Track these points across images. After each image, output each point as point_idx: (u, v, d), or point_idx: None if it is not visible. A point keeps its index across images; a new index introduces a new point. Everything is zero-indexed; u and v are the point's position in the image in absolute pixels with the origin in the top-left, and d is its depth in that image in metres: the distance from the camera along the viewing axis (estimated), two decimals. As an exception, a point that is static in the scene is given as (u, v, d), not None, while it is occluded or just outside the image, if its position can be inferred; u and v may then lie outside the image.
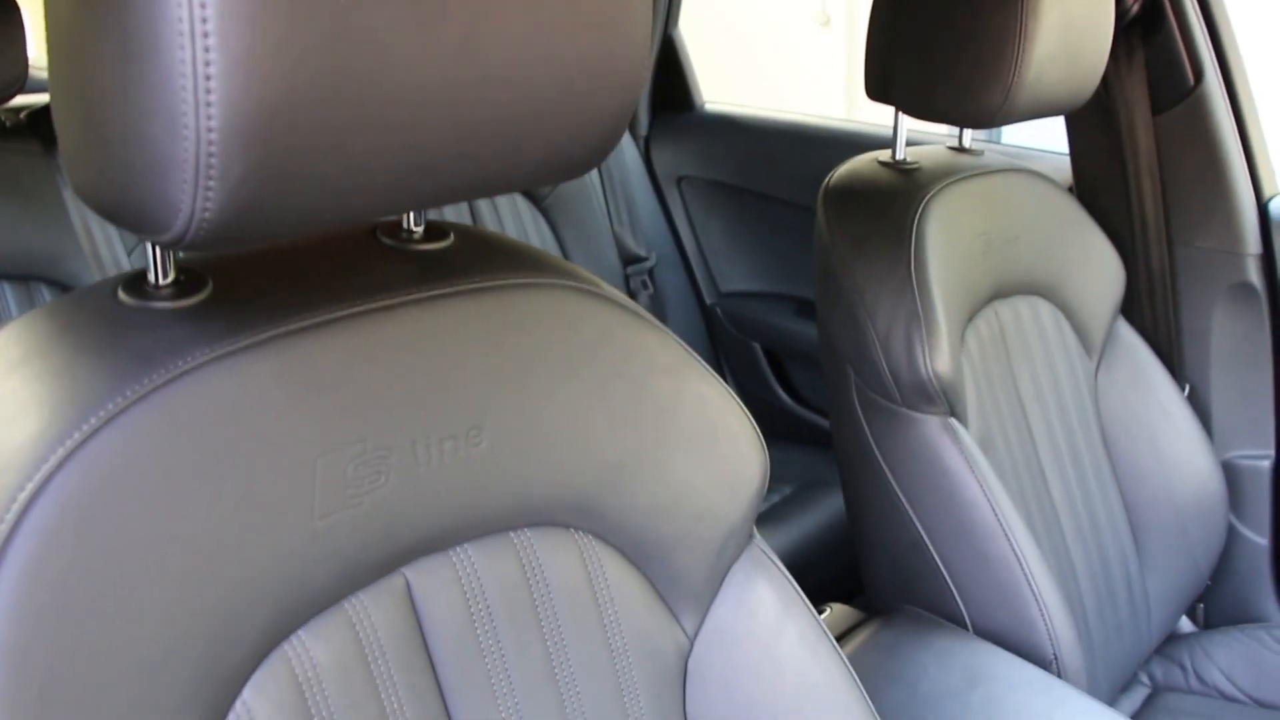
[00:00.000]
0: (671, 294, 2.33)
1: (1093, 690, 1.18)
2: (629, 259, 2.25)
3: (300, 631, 0.68)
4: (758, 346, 2.28)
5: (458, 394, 0.72)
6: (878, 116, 1.80)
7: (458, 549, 0.75)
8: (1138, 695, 1.61)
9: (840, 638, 0.98)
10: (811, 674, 0.88)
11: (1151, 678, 1.63)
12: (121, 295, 0.67)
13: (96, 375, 0.62)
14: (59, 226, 1.62)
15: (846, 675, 0.90)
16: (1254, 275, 1.65)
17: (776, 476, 1.97)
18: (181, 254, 0.70)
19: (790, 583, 0.90)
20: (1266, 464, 1.73)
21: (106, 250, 1.66)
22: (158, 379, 0.62)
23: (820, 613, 0.92)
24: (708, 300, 2.37)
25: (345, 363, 0.68)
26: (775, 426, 2.25)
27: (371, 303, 0.71)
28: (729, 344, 2.34)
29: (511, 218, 2.03)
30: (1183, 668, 1.62)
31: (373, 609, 0.71)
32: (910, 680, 1.13)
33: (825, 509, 1.87)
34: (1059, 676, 1.16)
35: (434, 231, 0.80)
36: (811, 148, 2.17)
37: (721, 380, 0.86)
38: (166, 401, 0.62)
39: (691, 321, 2.34)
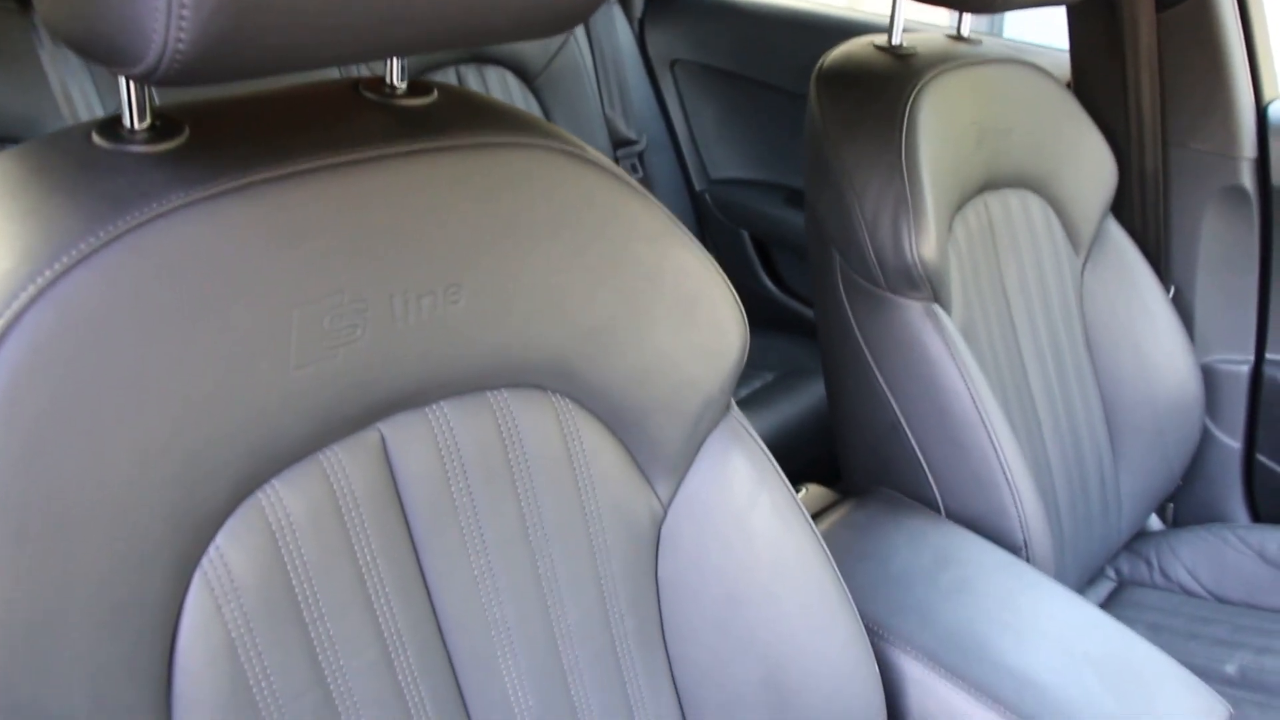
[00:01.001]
0: (661, 179, 2.31)
1: (1060, 580, 1.20)
2: (619, 142, 2.22)
3: (274, 481, 0.68)
4: (745, 234, 2.27)
5: (437, 250, 0.72)
6: (879, 7, 1.76)
7: (434, 406, 0.75)
8: (1103, 588, 1.64)
9: (815, 516, 0.99)
10: (783, 545, 0.89)
11: (1118, 572, 1.66)
12: (96, 139, 0.66)
13: (70, 216, 0.61)
14: (36, 88, 1.58)
15: (818, 549, 0.91)
16: (1247, 179, 1.64)
17: (759, 363, 1.97)
18: (158, 101, 0.68)
19: (766, 456, 0.91)
20: (1245, 369, 1.74)
21: (85, 113, 1.63)
22: (132, 221, 0.61)
23: (796, 492, 0.93)
24: (697, 186, 2.35)
25: (323, 213, 0.67)
26: (760, 314, 2.25)
27: (352, 154, 0.69)
28: (717, 231, 2.33)
29: (502, 95, 2.00)
30: (1149, 563, 1.65)
31: (347, 462, 0.71)
32: (881, 559, 1.14)
33: (806, 396, 1.88)
34: (1028, 563, 1.18)
35: (417, 88, 0.78)
36: (809, 35, 2.13)
37: (704, 250, 0.86)
38: (141, 243, 0.61)
39: (680, 207, 2.33)
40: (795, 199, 2.17)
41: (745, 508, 0.88)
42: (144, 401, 0.60)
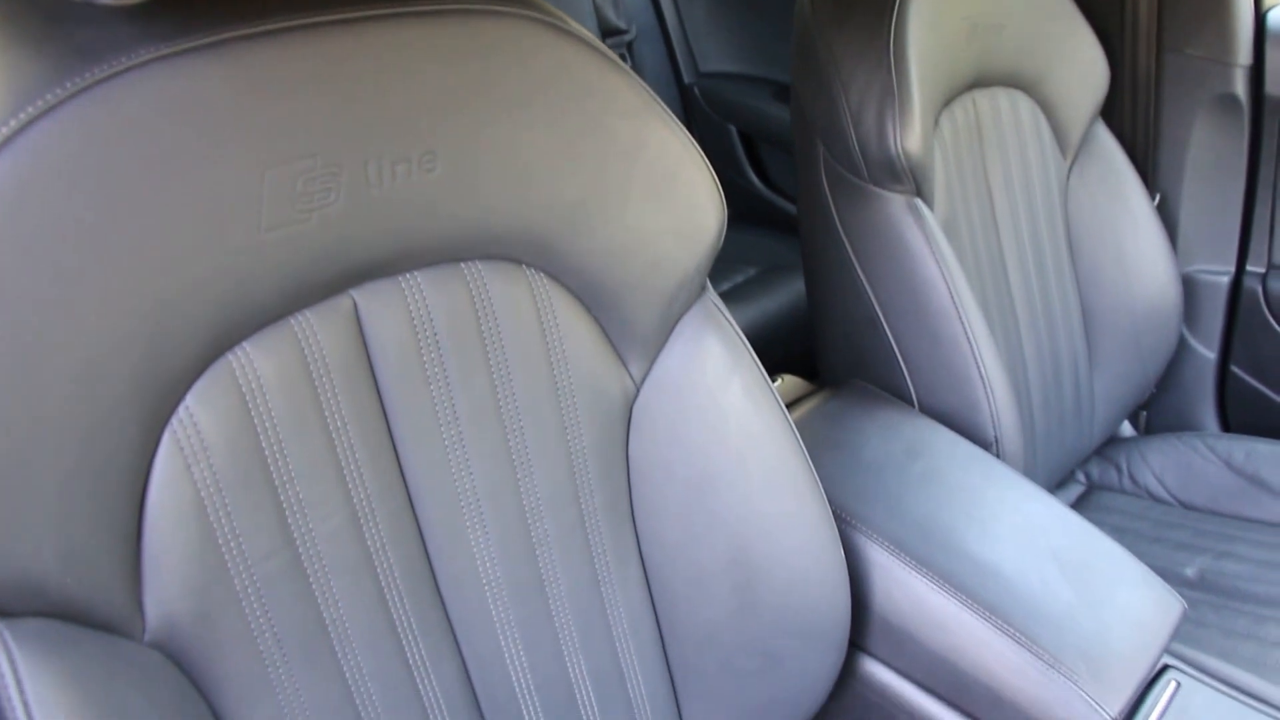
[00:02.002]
0: (648, 70, 2.28)
1: (1029, 480, 1.21)
2: (608, 30, 2.19)
3: (245, 343, 0.68)
4: (733, 129, 2.24)
5: (412, 117, 0.71)
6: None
7: (407, 275, 0.75)
8: (1072, 491, 1.66)
9: (789, 406, 1.00)
10: (754, 427, 0.89)
11: (1088, 476, 1.68)
12: None
13: (35, 66, 0.59)
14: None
15: (789, 434, 0.91)
16: (1240, 87, 1.63)
17: (742, 258, 1.97)
18: None
19: (740, 339, 0.91)
20: (1225, 280, 1.74)
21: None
22: (100, 73, 0.60)
23: (772, 382, 0.93)
24: (685, 79, 2.31)
25: (298, 74, 0.66)
26: (744, 210, 2.24)
27: (325, 15, 0.68)
28: (704, 125, 2.30)
29: (488, -23, 1.95)
30: (1118, 469, 1.67)
31: (319, 327, 0.71)
32: (853, 448, 1.15)
33: (787, 292, 1.87)
34: (998, 459, 1.19)
35: None
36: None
37: (685, 130, 0.85)
38: (109, 96, 0.60)
39: (668, 100, 2.30)
40: (783, 94, 2.15)
41: (717, 389, 0.88)
42: (110, 256, 0.60)
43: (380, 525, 0.75)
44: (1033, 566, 1.03)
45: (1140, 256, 1.57)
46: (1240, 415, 1.78)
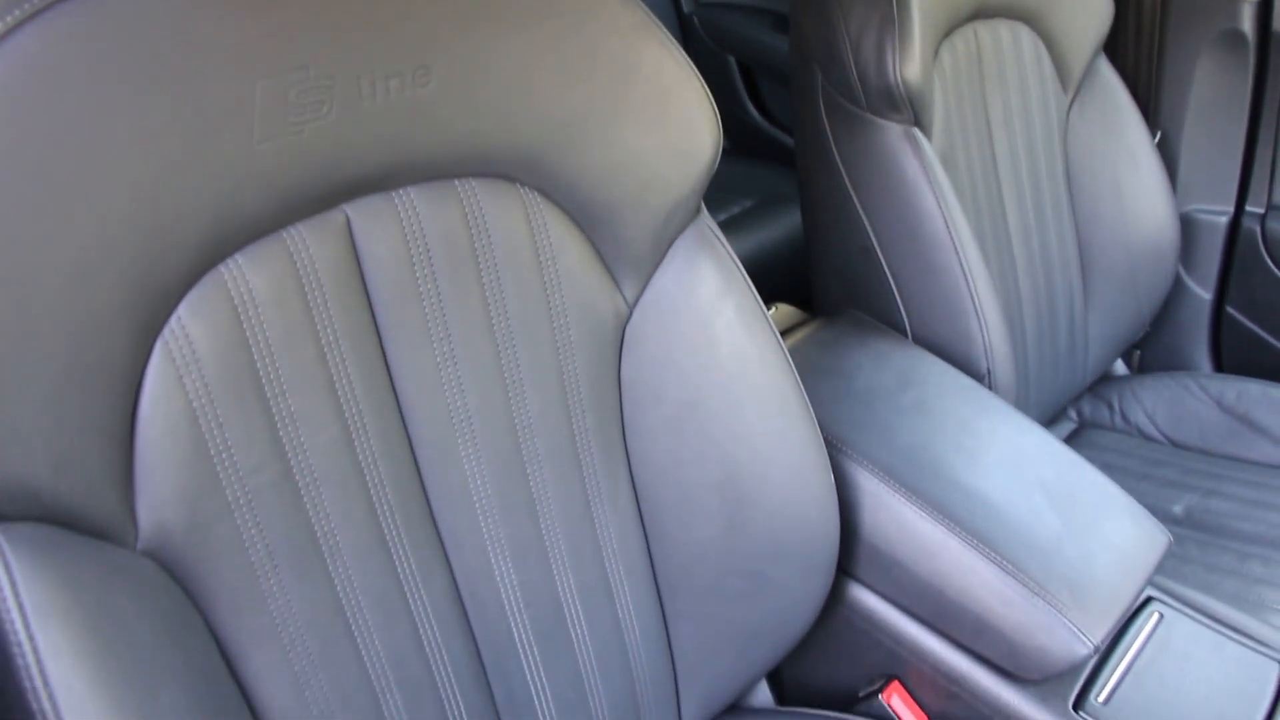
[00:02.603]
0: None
1: (1021, 415, 1.22)
2: (607, -42, 2.16)
3: (237, 255, 0.68)
4: (732, 60, 2.22)
5: (406, 30, 0.70)
6: None
7: (400, 191, 0.75)
8: (1064, 428, 1.67)
9: (783, 334, 1.00)
10: (746, 352, 0.89)
11: (1079, 413, 1.69)
12: None
13: None
14: None
15: (781, 359, 0.92)
16: (1247, 23, 1.61)
17: (739, 190, 1.96)
18: None
19: (734, 262, 0.91)
20: (1223, 220, 1.74)
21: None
22: None
23: (767, 310, 0.93)
24: (685, 9, 2.29)
25: None
26: (743, 142, 2.23)
27: None
28: (703, 56, 2.28)
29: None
30: (1110, 406, 1.67)
31: (311, 242, 0.71)
32: (845, 375, 1.15)
33: (784, 224, 1.87)
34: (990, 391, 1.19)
35: None
36: None
37: (682, 51, 0.84)
38: (98, 2, 0.59)
39: (668, 29, 2.27)
40: (783, 25, 2.13)
41: (710, 312, 0.88)
42: (100, 165, 0.60)
43: (371, 440, 0.76)
44: (1021, 496, 1.03)
45: (1138, 194, 1.56)
46: (1233, 356, 1.78)
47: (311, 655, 0.74)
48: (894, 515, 1.01)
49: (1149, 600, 1.09)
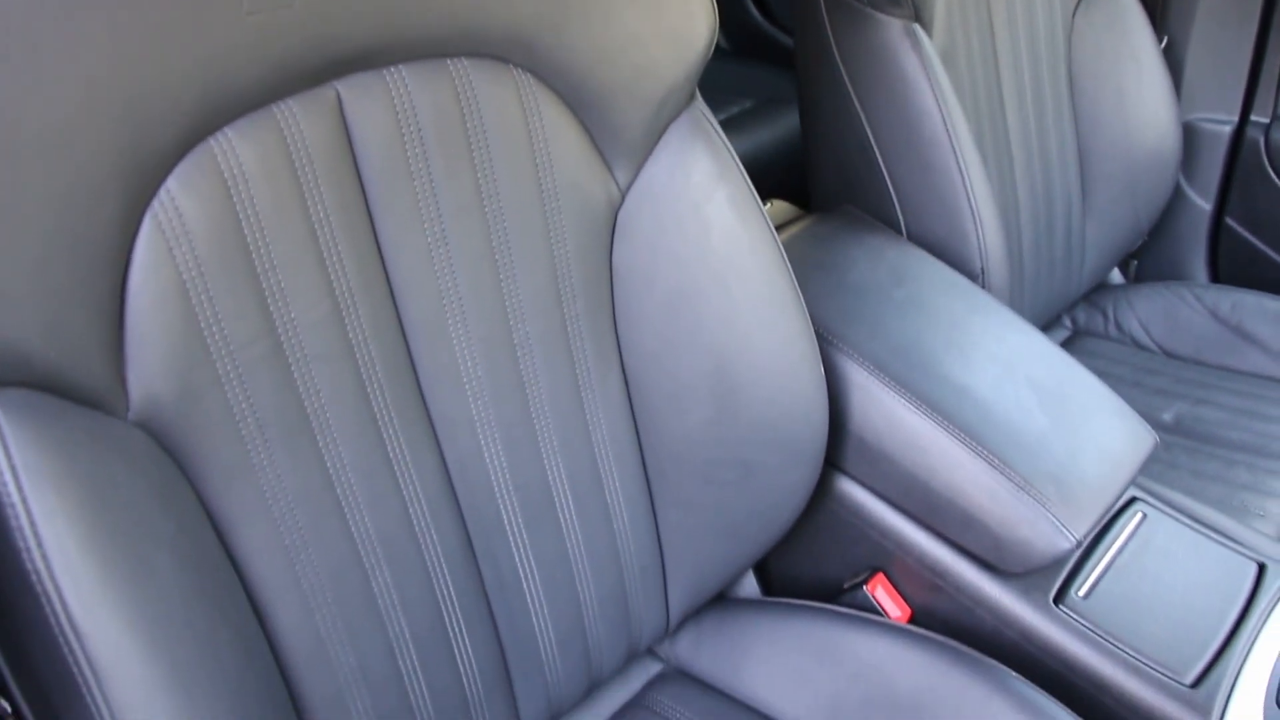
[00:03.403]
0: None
1: (1015, 320, 1.21)
2: None
3: (227, 129, 0.68)
4: (733, -42, 2.19)
5: None
6: None
7: (392, 69, 0.74)
8: (1058, 335, 1.68)
9: (778, 229, 0.99)
10: (738, 240, 0.89)
11: (1074, 321, 1.69)
12: None
13: None
14: None
15: (774, 248, 0.91)
16: (1260, -74, 1.58)
17: (739, 90, 1.94)
18: None
19: (729, 151, 0.90)
20: (1227, 129, 1.72)
21: None
22: None
23: (762, 205, 0.92)
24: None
25: None
26: (743, 42, 2.19)
27: None
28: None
29: None
30: (1104, 315, 1.68)
31: (302, 117, 0.70)
32: (838, 270, 1.15)
33: (783, 125, 1.85)
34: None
35: None
36: None
37: None
38: None
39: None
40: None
41: (702, 199, 0.87)
42: (83, 24, 0.59)
43: (362, 318, 0.76)
44: (1010, 393, 1.04)
45: (1142, 101, 1.54)
46: (1230, 267, 1.78)
47: (302, 530, 0.75)
48: (883, 409, 1.02)
49: (1133, 500, 1.10)
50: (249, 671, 0.70)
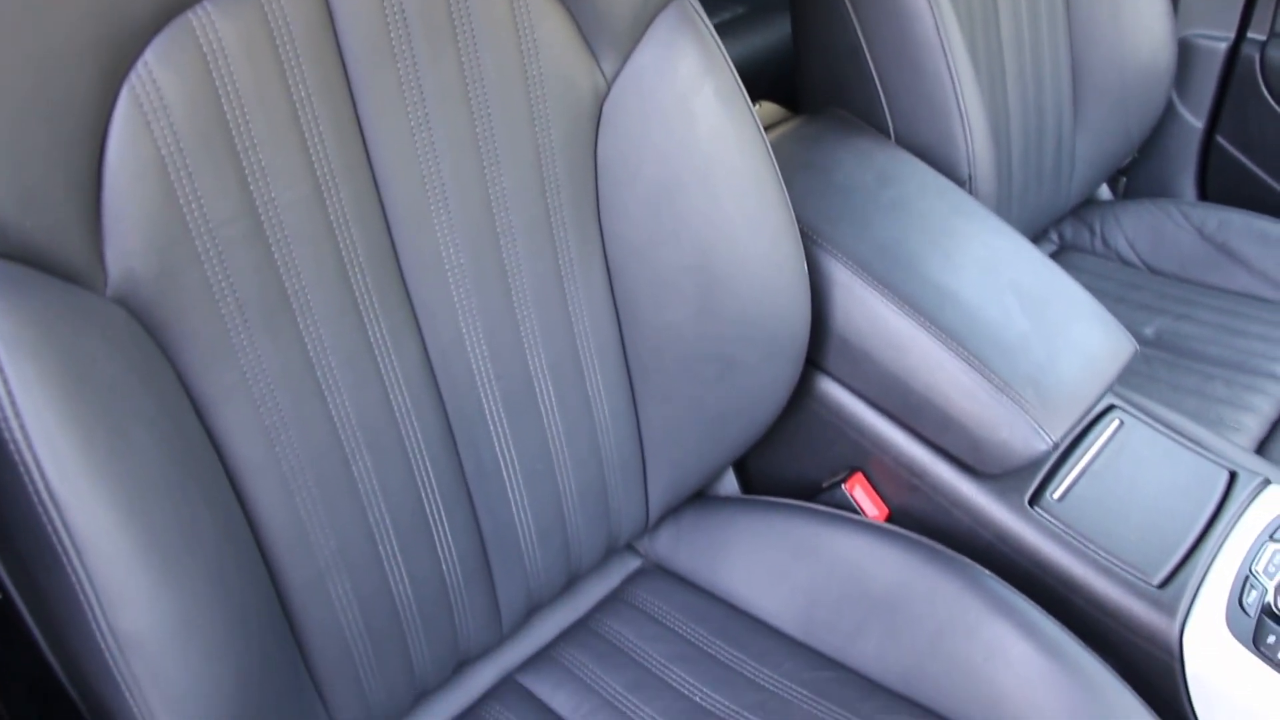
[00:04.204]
0: None
1: (1001, 232, 1.21)
2: None
3: (206, 3, 0.67)
4: None
5: None
6: None
7: None
8: (1044, 250, 1.67)
9: (766, 129, 0.98)
10: (724, 134, 0.88)
11: (1061, 236, 1.69)
12: None
13: None
14: None
15: (760, 144, 0.91)
16: None
17: (733, -3, 1.91)
18: None
19: (717, 45, 0.89)
20: (1222, 46, 1.70)
21: None
22: None
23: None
24: None
25: None
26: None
27: None
28: None
29: None
30: (1091, 230, 1.67)
31: None
32: (824, 170, 1.15)
33: (775, 30, 1.82)
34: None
35: None
36: None
37: None
38: None
39: None
40: None
41: (689, 91, 0.87)
42: None
43: (344, 200, 0.75)
44: (992, 296, 1.04)
45: (1138, 15, 1.52)
46: (1219, 185, 1.78)
47: (282, 412, 0.75)
48: (865, 308, 1.02)
49: (1111, 408, 1.11)
50: (229, 550, 0.71)
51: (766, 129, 1.07)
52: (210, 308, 0.70)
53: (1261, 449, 1.23)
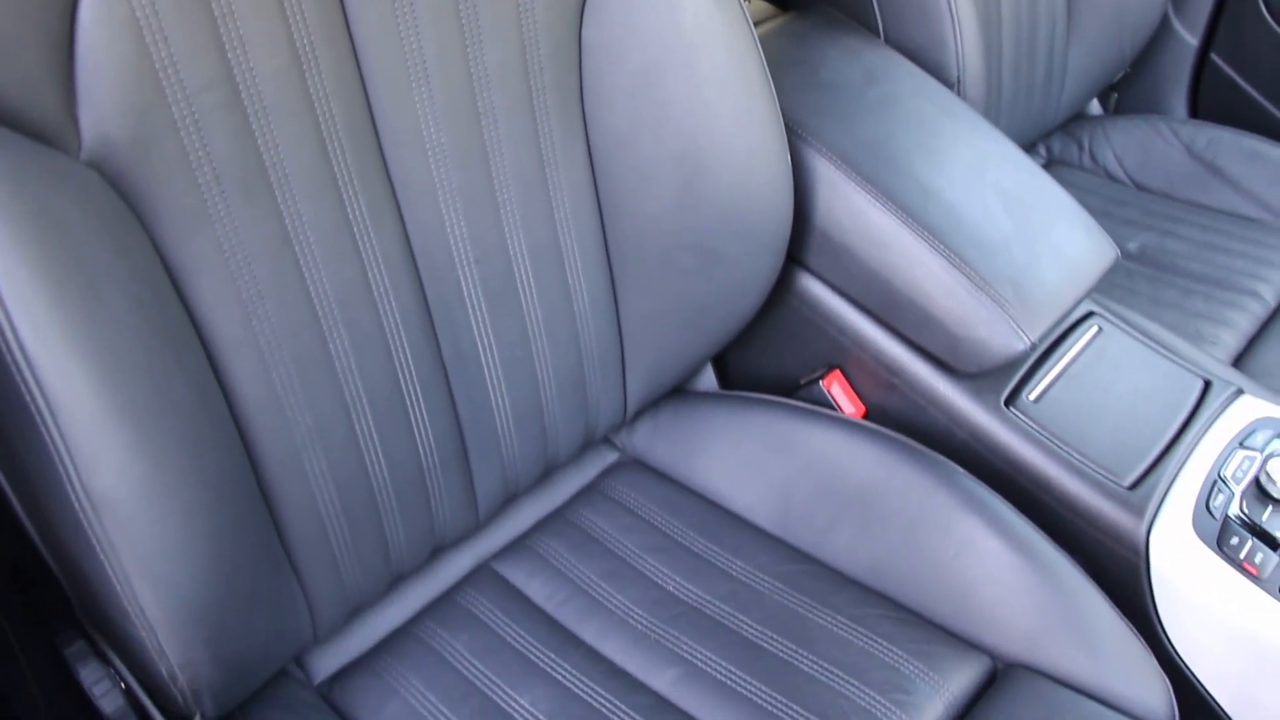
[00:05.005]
0: None
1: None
2: None
3: None
4: None
5: None
6: None
7: None
8: (1031, 163, 1.66)
9: (755, 25, 0.97)
10: (711, 22, 0.87)
11: (1049, 150, 1.68)
12: None
13: None
14: None
15: (747, 36, 0.90)
16: None
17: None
18: None
19: (706, -73, 0.88)
20: (1222, -38, 1.68)
21: None
22: None
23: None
24: None
25: None
26: None
27: None
28: None
29: None
30: (1080, 145, 1.67)
31: None
32: (811, 66, 1.13)
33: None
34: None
35: None
36: None
37: None
38: None
39: None
40: None
41: None
42: None
43: (323, 73, 0.74)
44: (976, 196, 1.04)
45: (1137, -74, 1.50)
46: (1210, 103, 1.76)
47: (259, 285, 0.75)
48: (848, 203, 1.02)
49: (1091, 314, 1.11)
50: (204, 420, 0.71)
51: (756, 24, 1.06)
52: (187, 176, 0.70)
53: (1237, 363, 1.24)
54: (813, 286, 1.07)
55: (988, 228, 1.02)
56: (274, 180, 0.74)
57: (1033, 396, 1.03)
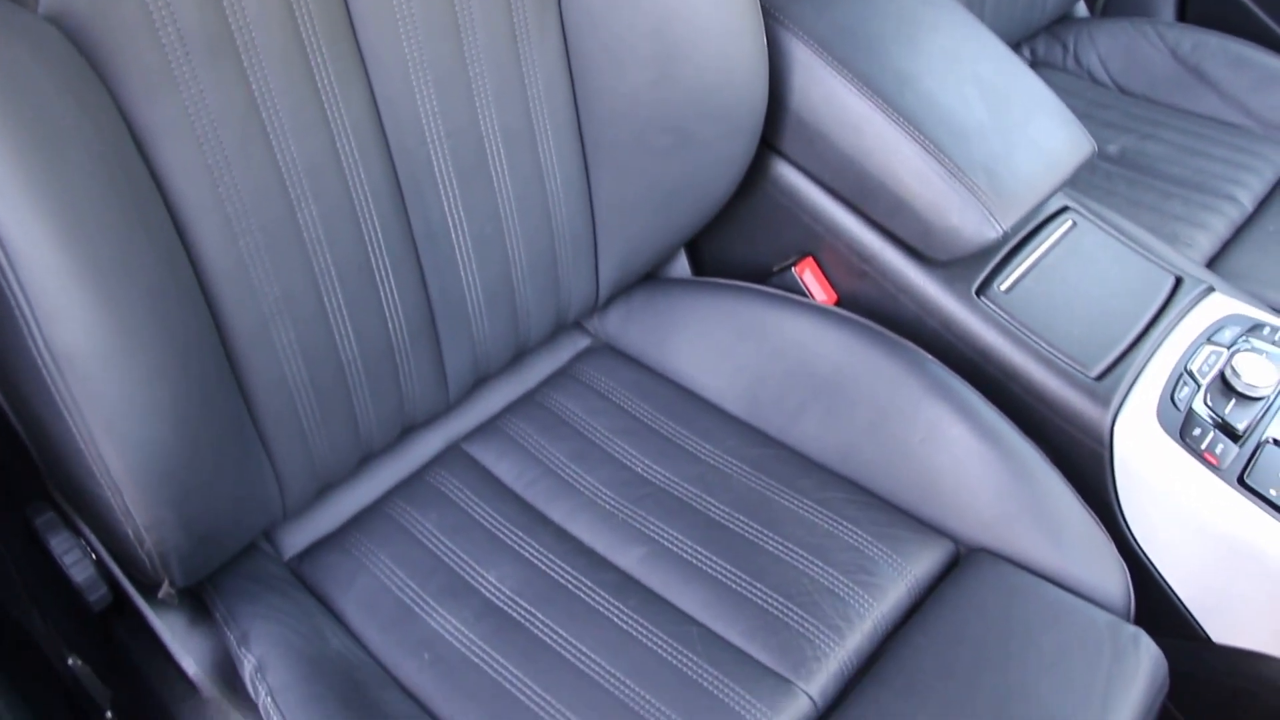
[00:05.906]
0: None
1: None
2: None
3: None
4: None
5: None
6: None
7: None
8: (1014, 65, 1.65)
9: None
10: None
11: (1033, 52, 1.67)
12: None
13: None
14: None
15: None
16: None
17: None
18: None
19: None
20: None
21: None
22: None
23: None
24: None
25: None
26: None
27: None
28: None
29: None
30: (1065, 48, 1.65)
31: None
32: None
33: None
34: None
35: None
36: None
37: None
38: None
39: None
40: None
41: None
42: None
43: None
44: (953, 85, 1.03)
45: None
46: (1198, 7, 1.75)
47: (226, 152, 0.74)
48: (823, 87, 1.01)
49: (1066, 209, 1.11)
50: (170, 283, 0.71)
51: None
52: (149, 35, 0.69)
53: (1211, 265, 1.24)
54: (786, 172, 1.07)
55: (964, 116, 1.01)
56: (240, 44, 0.72)
57: (1004, 287, 1.03)
